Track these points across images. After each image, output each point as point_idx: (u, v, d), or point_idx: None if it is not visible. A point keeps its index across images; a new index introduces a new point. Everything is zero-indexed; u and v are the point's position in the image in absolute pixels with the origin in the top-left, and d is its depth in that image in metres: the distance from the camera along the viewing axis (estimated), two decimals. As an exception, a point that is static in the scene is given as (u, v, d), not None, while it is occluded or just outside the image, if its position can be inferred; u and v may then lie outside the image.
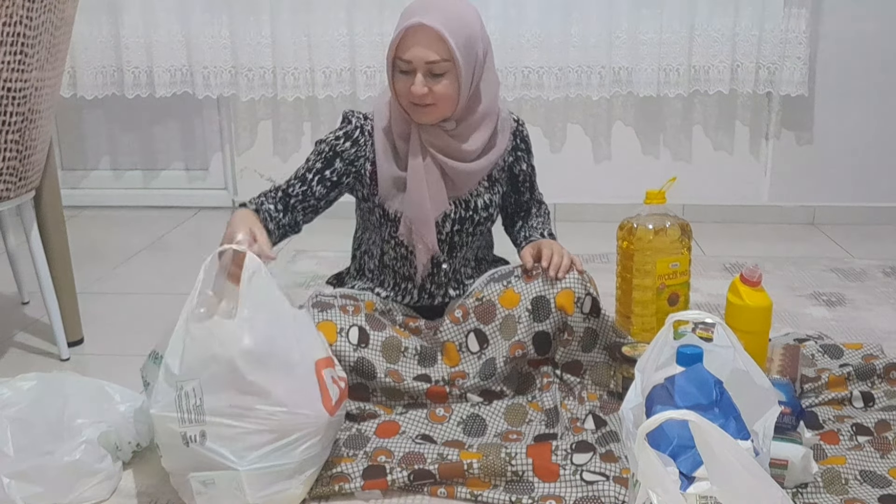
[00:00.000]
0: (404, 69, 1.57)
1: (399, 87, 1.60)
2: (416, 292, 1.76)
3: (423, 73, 1.56)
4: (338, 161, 1.68)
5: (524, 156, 1.79)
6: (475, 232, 1.74)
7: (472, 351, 1.66)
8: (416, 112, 1.61)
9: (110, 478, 1.43)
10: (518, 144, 1.78)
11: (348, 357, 1.59)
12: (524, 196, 1.83)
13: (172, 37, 2.97)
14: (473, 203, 1.71)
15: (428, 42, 1.54)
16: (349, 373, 1.58)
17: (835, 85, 2.92)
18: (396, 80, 1.60)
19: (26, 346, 2.04)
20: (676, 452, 1.05)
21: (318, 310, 1.62)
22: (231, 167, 3.23)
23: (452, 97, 1.60)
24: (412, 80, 1.56)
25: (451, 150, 1.65)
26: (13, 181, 1.78)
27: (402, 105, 1.62)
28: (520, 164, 1.79)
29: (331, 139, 1.70)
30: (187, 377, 1.29)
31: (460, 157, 1.67)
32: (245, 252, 1.35)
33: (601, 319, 1.66)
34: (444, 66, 1.56)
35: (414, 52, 1.55)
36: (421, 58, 1.55)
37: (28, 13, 1.66)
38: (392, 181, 1.67)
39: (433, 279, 1.75)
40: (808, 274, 2.48)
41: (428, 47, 1.54)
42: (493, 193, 1.75)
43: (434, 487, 1.41)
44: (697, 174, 3.00)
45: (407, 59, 1.56)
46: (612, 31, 2.83)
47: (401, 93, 1.60)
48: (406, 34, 1.55)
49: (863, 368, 1.71)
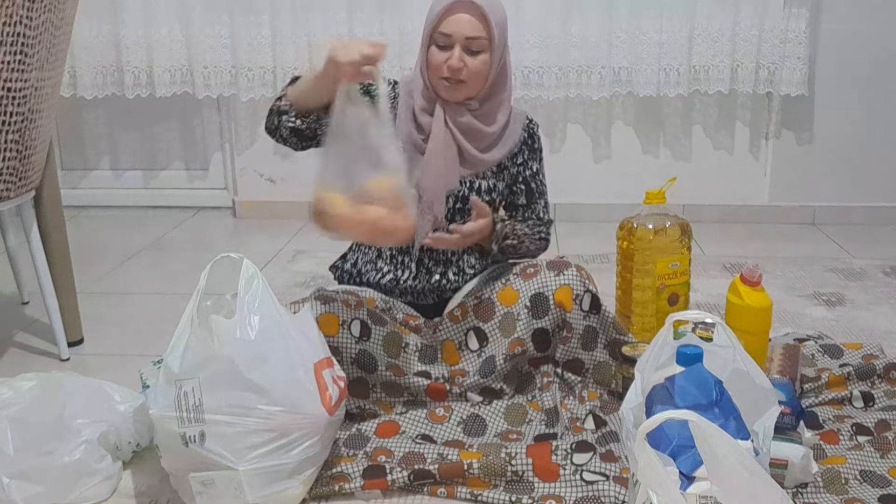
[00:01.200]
0: (442, 43, 1.62)
1: (434, 60, 1.63)
2: (413, 266, 1.75)
3: (461, 48, 1.60)
4: None
5: (525, 152, 1.78)
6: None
7: (471, 349, 1.66)
8: (446, 88, 1.64)
9: (110, 478, 1.43)
10: (526, 140, 1.77)
11: (350, 349, 1.59)
12: (518, 201, 1.78)
13: (172, 37, 2.97)
14: (478, 185, 1.72)
15: (469, 18, 1.60)
16: (350, 365, 1.58)
17: (835, 85, 2.93)
18: (431, 53, 1.63)
19: (26, 346, 2.04)
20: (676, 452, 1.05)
21: (321, 302, 1.63)
22: (231, 167, 3.23)
23: (483, 75, 1.65)
24: (448, 55, 1.61)
25: (472, 128, 1.68)
26: (13, 181, 1.78)
27: (432, 80, 1.65)
28: (516, 158, 1.76)
29: None
30: (187, 376, 1.29)
31: (479, 138, 1.69)
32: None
33: (601, 316, 1.66)
34: (482, 44, 1.61)
35: (456, 26, 1.60)
36: (462, 33, 1.60)
37: (28, 13, 1.66)
38: (410, 145, 1.68)
39: (431, 255, 1.74)
40: (808, 274, 2.48)
41: (469, 23, 1.60)
42: (499, 180, 1.75)
43: (434, 487, 1.41)
44: (697, 174, 3.00)
45: (447, 33, 1.60)
46: (612, 31, 2.83)
47: (435, 66, 1.63)
48: (450, 8, 1.60)
49: (863, 368, 1.71)
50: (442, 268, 1.75)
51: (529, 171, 1.78)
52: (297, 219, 3.07)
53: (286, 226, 3.01)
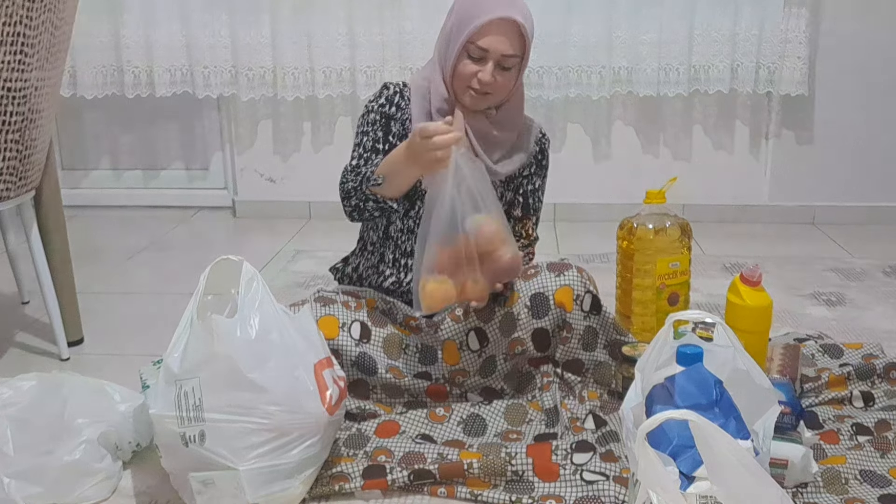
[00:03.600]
0: (476, 56, 1.58)
1: (465, 71, 1.60)
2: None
3: (493, 63, 1.58)
4: (392, 123, 1.69)
5: (531, 167, 1.77)
6: None
7: (472, 349, 1.66)
8: (471, 98, 1.62)
9: (110, 477, 1.43)
10: (536, 154, 1.76)
11: (350, 352, 1.59)
12: (514, 211, 1.77)
13: (172, 37, 2.97)
14: None
15: (509, 35, 1.57)
16: (350, 367, 1.58)
17: (835, 85, 2.93)
18: (462, 63, 1.60)
19: (26, 346, 2.04)
20: (676, 452, 1.05)
21: (321, 304, 1.63)
22: (231, 167, 3.23)
23: (508, 89, 1.64)
24: (481, 68, 1.58)
25: (488, 136, 1.67)
26: (13, 181, 1.78)
27: (457, 88, 1.63)
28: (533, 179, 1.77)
29: (375, 107, 1.70)
30: (187, 376, 1.29)
31: (494, 145, 1.68)
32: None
33: (602, 317, 1.66)
34: (514, 61, 1.60)
35: (495, 44, 1.57)
36: (499, 50, 1.57)
37: (28, 13, 1.66)
38: None
39: None
40: (808, 274, 2.48)
41: (509, 41, 1.57)
42: (507, 190, 1.75)
43: (434, 487, 1.41)
44: (697, 174, 3.00)
45: (484, 48, 1.57)
46: (612, 31, 2.83)
47: (464, 76, 1.60)
48: (492, 23, 1.56)
49: (863, 368, 1.71)
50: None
51: (532, 185, 1.78)
52: (297, 219, 3.08)
53: (286, 226, 3.01)
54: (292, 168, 3.15)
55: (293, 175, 3.14)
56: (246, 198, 3.22)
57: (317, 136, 3.11)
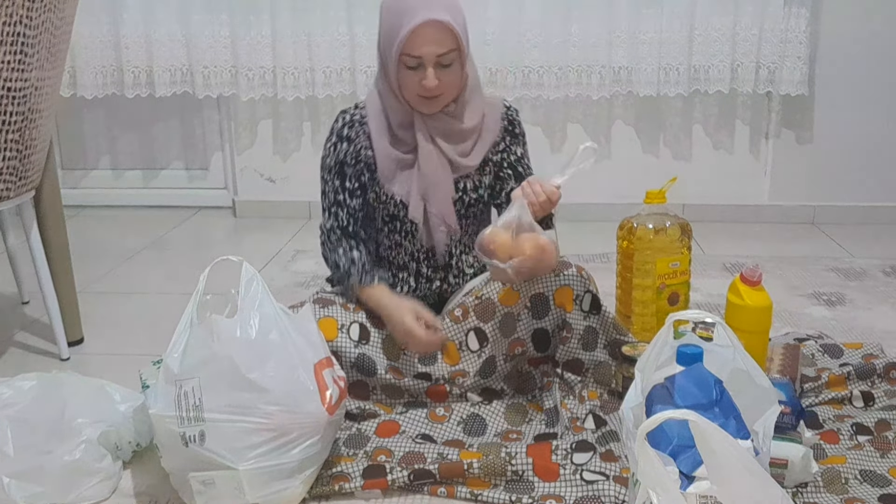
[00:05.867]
0: (412, 65, 1.56)
1: (407, 83, 1.58)
2: (412, 280, 1.75)
3: (432, 67, 1.56)
4: (346, 167, 1.68)
5: (507, 137, 1.74)
6: (467, 214, 1.73)
7: (472, 349, 1.66)
8: (424, 104, 1.61)
9: (110, 477, 1.43)
10: (506, 127, 1.73)
11: (349, 353, 1.59)
12: (507, 187, 1.73)
13: (172, 36, 2.97)
14: (463, 184, 1.70)
15: (437, 36, 1.54)
16: (350, 369, 1.58)
17: (835, 85, 2.92)
18: (403, 76, 1.58)
19: (26, 346, 2.04)
20: (676, 452, 1.05)
21: (320, 306, 1.63)
22: (231, 167, 3.23)
23: (457, 83, 1.62)
24: (421, 75, 1.56)
25: (452, 130, 1.66)
26: (13, 181, 1.78)
27: (408, 98, 1.61)
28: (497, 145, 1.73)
29: (329, 149, 1.70)
30: (187, 376, 1.29)
31: (460, 137, 1.67)
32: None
33: (601, 317, 1.66)
34: (452, 56, 1.57)
35: (424, 48, 1.54)
36: (432, 52, 1.54)
37: (28, 13, 1.66)
38: (394, 161, 1.66)
39: (429, 263, 1.74)
40: (808, 274, 2.48)
41: (438, 42, 1.54)
42: (483, 175, 1.72)
43: (434, 487, 1.41)
44: (697, 174, 3.00)
45: (417, 56, 1.55)
46: (612, 31, 2.83)
47: (409, 88, 1.59)
48: (415, 30, 1.53)
49: (863, 368, 1.71)
50: (441, 273, 1.75)
51: (514, 155, 1.74)
52: (297, 218, 3.08)
53: (286, 226, 3.01)
54: (292, 168, 3.14)
55: (293, 175, 3.14)
56: (246, 198, 3.22)
57: (317, 136, 3.10)
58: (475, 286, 1.72)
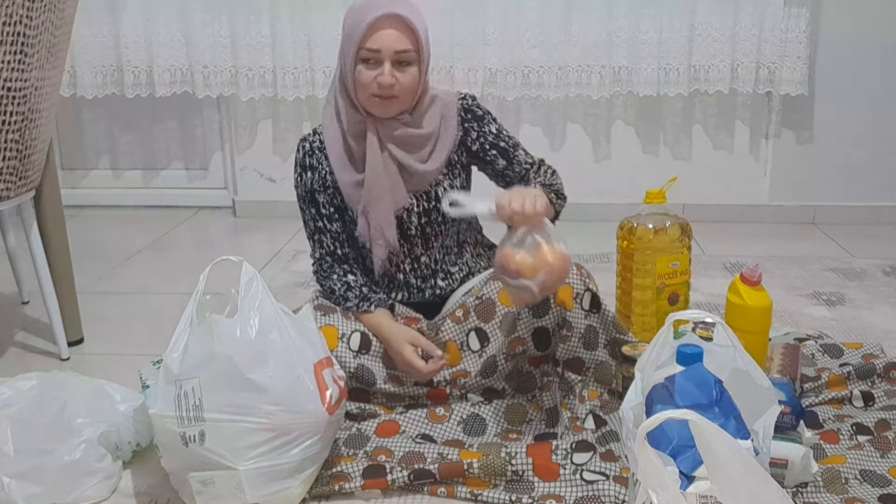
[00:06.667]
0: (369, 59, 1.54)
1: (363, 79, 1.55)
2: (405, 290, 1.75)
3: (390, 63, 1.54)
4: (317, 194, 1.68)
5: (473, 125, 1.67)
6: (445, 221, 1.71)
7: (472, 349, 1.66)
8: (378, 105, 1.58)
9: (110, 477, 1.43)
10: (464, 117, 1.68)
11: (348, 364, 1.59)
12: (499, 165, 1.68)
13: (172, 36, 2.97)
14: (434, 192, 1.67)
15: (398, 32, 1.53)
16: (349, 380, 1.57)
17: (835, 85, 2.92)
18: (359, 72, 1.56)
19: (26, 346, 2.04)
20: (676, 452, 1.05)
21: (321, 313, 1.62)
22: (231, 167, 3.23)
23: (414, 89, 1.59)
24: (378, 71, 1.54)
25: (408, 138, 1.62)
26: (13, 180, 1.78)
27: (362, 100, 1.58)
28: (469, 134, 1.68)
29: (297, 180, 1.71)
30: (187, 376, 1.29)
31: (418, 144, 1.63)
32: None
33: (602, 315, 1.66)
34: (411, 56, 1.55)
35: (384, 41, 1.52)
36: (391, 47, 1.53)
37: (28, 13, 1.66)
38: (353, 186, 1.64)
39: (416, 272, 1.74)
40: (808, 274, 2.48)
41: (397, 38, 1.53)
42: (454, 178, 1.70)
43: (434, 487, 1.41)
44: (697, 174, 3.00)
45: (375, 49, 1.52)
46: (612, 31, 2.83)
47: (364, 84, 1.56)
48: (374, 24, 1.51)
49: (863, 368, 1.71)
50: (431, 280, 1.75)
51: (491, 135, 1.68)
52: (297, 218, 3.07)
53: (286, 225, 3.00)
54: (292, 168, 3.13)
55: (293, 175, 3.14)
56: (246, 198, 3.22)
57: (317, 136, 3.10)
58: (475, 285, 1.72)
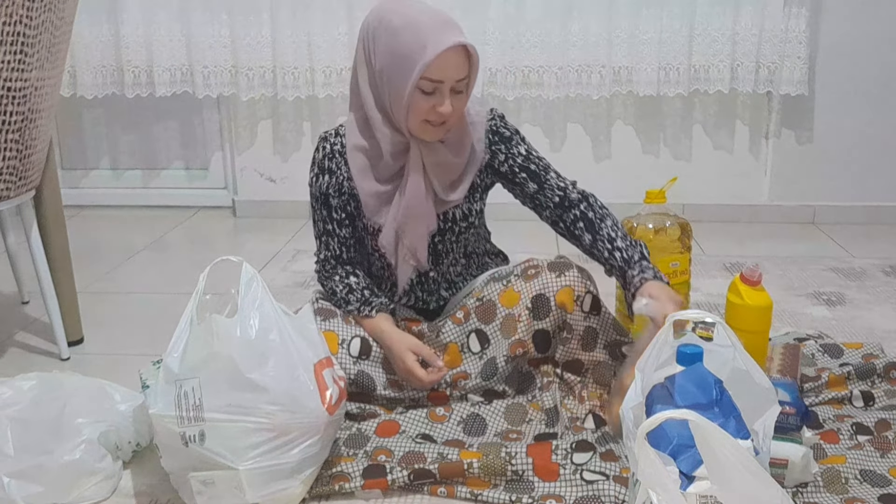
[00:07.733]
0: (428, 90, 1.50)
1: (421, 106, 1.51)
2: (406, 300, 1.75)
3: (449, 92, 1.51)
4: (331, 199, 1.66)
5: (500, 147, 1.66)
6: (458, 240, 1.71)
7: (473, 351, 1.66)
8: (430, 132, 1.56)
9: (110, 477, 1.43)
10: (492, 139, 1.67)
11: (348, 370, 1.59)
12: (529, 189, 1.66)
13: (172, 36, 2.97)
14: (452, 214, 1.67)
15: (459, 61, 1.49)
16: (349, 386, 1.57)
17: (835, 85, 2.92)
18: (416, 100, 1.50)
19: (26, 346, 2.04)
20: (676, 452, 1.05)
21: (321, 318, 1.62)
22: (231, 167, 3.23)
23: (462, 111, 1.58)
24: (436, 101, 1.50)
25: (446, 162, 1.61)
26: (13, 180, 1.78)
27: (412, 125, 1.54)
28: (497, 157, 1.66)
29: (312, 179, 1.67)
30: (187, 376, 1.29)
31: (448, 171, 1.62)
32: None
33: (602, 317, 1.66)
34: (465, 83, 1.53)
35: (450, 72, 1.48)
36: (452, 77, 1.49)
37: (28, 13, 1.66)
38: (376, 196, 1.63)
39: (422, 286, 1.74)
40: (808, 274, 2.48)
41: (459, 66, 1.49)
42: (473, 202, 1.69)
43: (434, 487, 1.41)
44: (697, 174, 3.00)
45: (438, 80, 1.48)
46: (612, 31, 2.83)
47: (420, 111, 1.51)
48: (443, 55, 1.46)
49: (863, 368, 1.71)
50: (436, 294, 1.76)
51: (520, 157, 1.66)
52: (297, 218, 3.08)
53: (286, 225, 3.01)
54: (292, 168, 3.14)
55: (293, 175, 3.14)
56: (246, 198, 3.22)
57: (317, 137, 3.10)
58: (475, 287, 1.73)
